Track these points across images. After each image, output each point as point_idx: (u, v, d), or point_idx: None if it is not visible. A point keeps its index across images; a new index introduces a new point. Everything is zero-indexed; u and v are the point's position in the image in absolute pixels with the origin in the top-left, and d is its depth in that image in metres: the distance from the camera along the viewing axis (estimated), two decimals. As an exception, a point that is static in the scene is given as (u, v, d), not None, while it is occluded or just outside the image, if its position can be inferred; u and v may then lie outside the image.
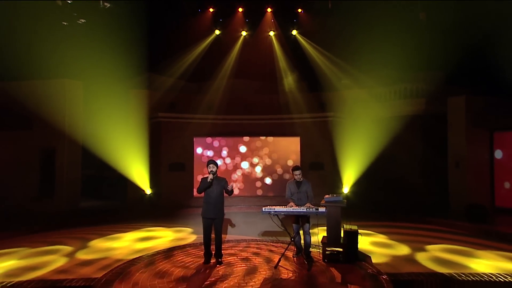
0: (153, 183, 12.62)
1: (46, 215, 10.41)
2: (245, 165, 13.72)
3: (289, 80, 15.15)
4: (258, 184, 13.75)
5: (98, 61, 11.56)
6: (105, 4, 11.89)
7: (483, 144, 10.86)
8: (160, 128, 13.12)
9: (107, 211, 11.90)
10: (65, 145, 11.09)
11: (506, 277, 5.53)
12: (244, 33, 14.97)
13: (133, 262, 6.33)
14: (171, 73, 14.39)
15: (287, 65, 15.26)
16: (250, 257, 6.61)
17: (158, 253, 6.96)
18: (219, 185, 6.20)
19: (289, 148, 13.82)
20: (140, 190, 12.42)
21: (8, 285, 5.36)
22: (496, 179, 10.72)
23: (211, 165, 6.20)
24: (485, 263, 6.52)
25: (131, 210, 11.99)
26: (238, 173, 13.67)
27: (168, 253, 6.96)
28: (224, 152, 13.67)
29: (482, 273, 5.79)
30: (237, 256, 6.67)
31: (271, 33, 15.10)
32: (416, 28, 12.23)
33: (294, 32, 14.95)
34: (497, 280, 5.48)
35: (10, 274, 6.06)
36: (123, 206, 12.57)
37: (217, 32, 14.80)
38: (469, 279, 5.53)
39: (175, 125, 13.30)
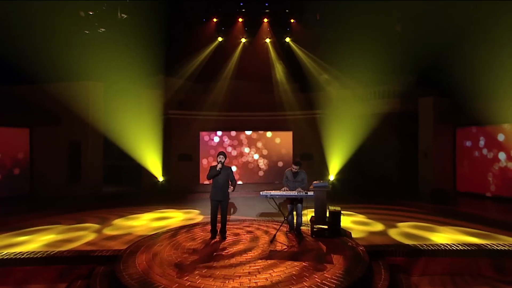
0: (165, 171, 12.61)
1: (74, 198, 10.45)
2: (244, 155, 13.81)
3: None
4: (256, 172, 13.86)
5: (117, 65, 11.45)
6: (122, 15, 11.68)
7: (447, 138, 11.02)
8: (170, 124, 13.09)
9: (126, 195, 11.91)
10: (89, 138, 11.07)
11: (458, 246, 5.83)
12: (243, 40, 14.84)
13: (151, 237, 6.40)
14: (180, 75, 14.28)
15: (281, 68, 15.22)
16: (250, 233, 6.68)
17: (172, 230, 7.00)
18: (225, 173, 6.23)
19: (283, 141, 13.92)
20: (153, 177, 12.41)
21: (51, 253, 5.60)
22: (457, 167, 10.97)
23: (221, 156, 6.22)
24: (443, 236, 6.77)
25: (146, 194, 12.00)
26: (239, 162, 13.78)
27: (180, 230, 7.00)
28: (226, 144, 13.73)
29: (440, 244, 6.05)
30: (239, 232, 6.73)
31: (267, 40, 14.99)
32: (393, 37, 12.26)
33: (287, 39, 14.81)
34: (451, 248, 5.75)
35: (51, 245, 6.27)
36: (139, 191, 12.54)
37: (220, 39, 14.66)
38: (429, 248, 5.78)
39: (183, 121, 13.28)
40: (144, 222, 8.13)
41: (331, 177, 12.79)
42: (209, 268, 4.81)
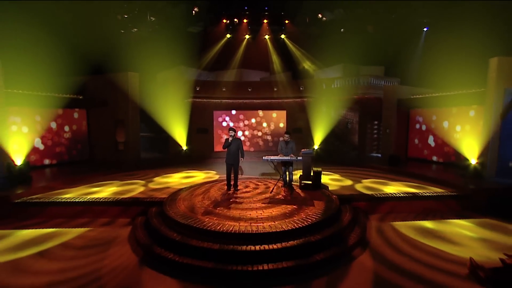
0: (188, 141, 12.91)
1: (120, 163, 10.86)
2: (249, 129, 14.16)
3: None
4: (257, 142, 14.27)
5: (148, 58, 11.55)
6: (151, 18, 11.77)
7: (403, 117, 11.39)
8: (191, 104, 13.23)
9: (159, 160, 12.28)
10: (129, 116, 11.30)
11: (401, 195, 6.62)
12: (247, 36, 14.91)
13: (183, 190, 6.94)
14: (198, 65, 14.40)
15: (277, 59, 15.39)
16: (255, 187, 7.10)
17: (198, 185, 7.49)
18: (236, 143, 6.61)
19: (279, 118, 14.24)
20: (179, 146, 12.70)
21: (118, 199, 6.35)
22: (409, 139, 11.45)
23: (231, 131, 6.52)
24: (393, 188, 7.46)
25: (173, 159, 12.34)
26: (244, 134, 14.22)
27: (204, 185, 7.46)
28: (234, 120, 14.06)
29: (389, 193, 6.79)
30: (248, 186, 7.18)
31: (267, 37, 15.04)
32: (366, 36, 12.50)
33: (283, 36, 14.89)
34: (396, 196, 6.54)
35: (115, 194, 6.99)
36: (168, 157, 12.89)
37: (228, 36, 14.72)
38: (382, 196, 6.55)
39: (200, 102, 13.48)
40: (176, 180, 8.66)
41: (316, 146, 13.17)
42: (228, 208, 5.48)
